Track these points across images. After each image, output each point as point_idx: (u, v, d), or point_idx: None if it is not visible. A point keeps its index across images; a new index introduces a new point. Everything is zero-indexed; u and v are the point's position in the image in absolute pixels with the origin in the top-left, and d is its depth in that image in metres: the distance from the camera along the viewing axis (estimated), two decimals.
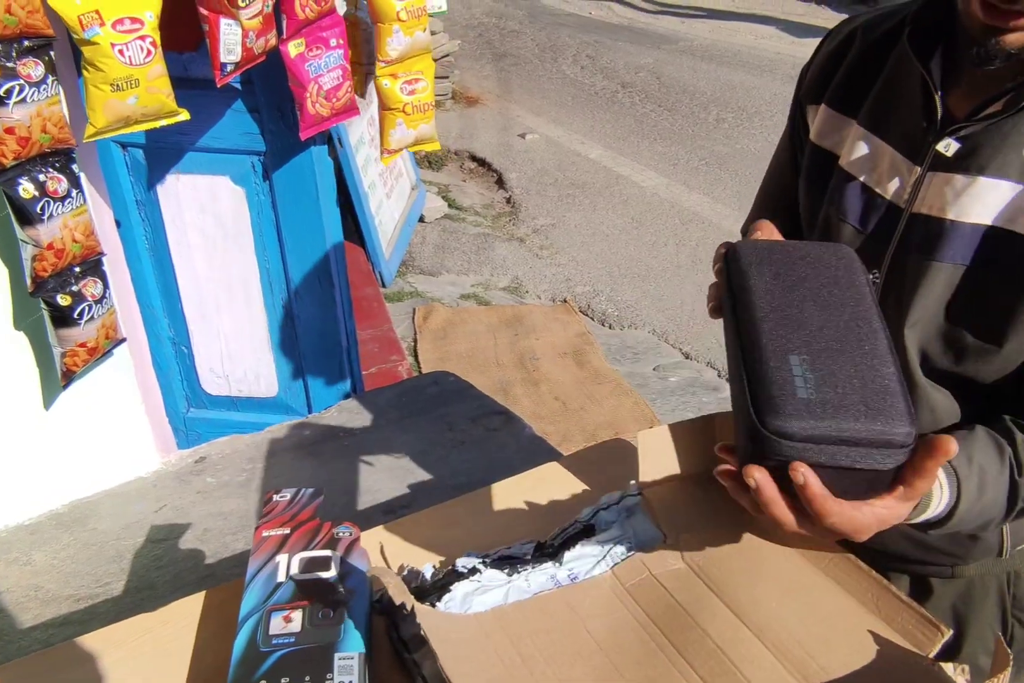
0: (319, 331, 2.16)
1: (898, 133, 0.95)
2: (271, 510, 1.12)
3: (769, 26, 8.56)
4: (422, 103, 1.96)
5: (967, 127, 0.89)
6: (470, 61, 7.53)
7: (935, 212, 0.91)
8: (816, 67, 1.06)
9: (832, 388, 0.72)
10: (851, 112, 1.00)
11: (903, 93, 0.95)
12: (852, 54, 1.01)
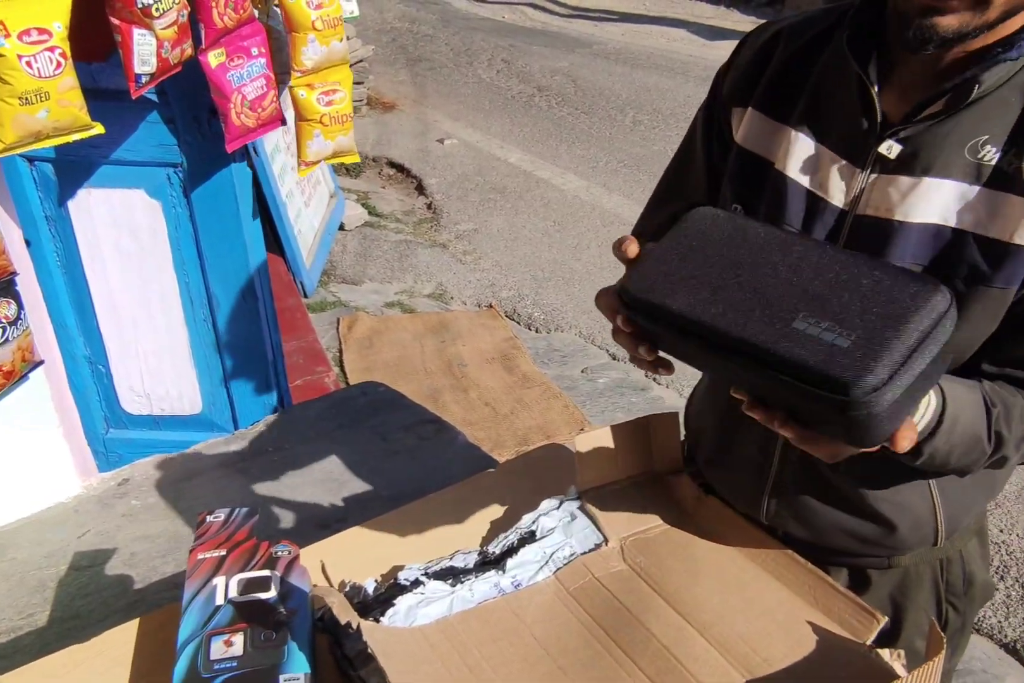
0: (243, 345, 2.12)
1: (837, 137, 0.96)
2: (205, 532, 1.10)
3: (680, 29, 8.72)
4: (340, 114, 1.94)
5: (908, 128, 0.90)
6: (384, 66, 7.49)
7: (882, 213, 0.93)
8: (739, 70, 1.06)
9: (858, 321, 0.66)
10: (783, 117, 1.00)
11: (839, 97, 0.96)
12: (777, 58, 1.02)
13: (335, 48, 1.87)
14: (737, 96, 1.05)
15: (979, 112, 0.88)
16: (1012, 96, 0.88)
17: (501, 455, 2.84)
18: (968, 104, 0.88)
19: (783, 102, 1.00)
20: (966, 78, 0.86)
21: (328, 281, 4.16)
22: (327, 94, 1.92)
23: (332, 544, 1.17)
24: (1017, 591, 2.38)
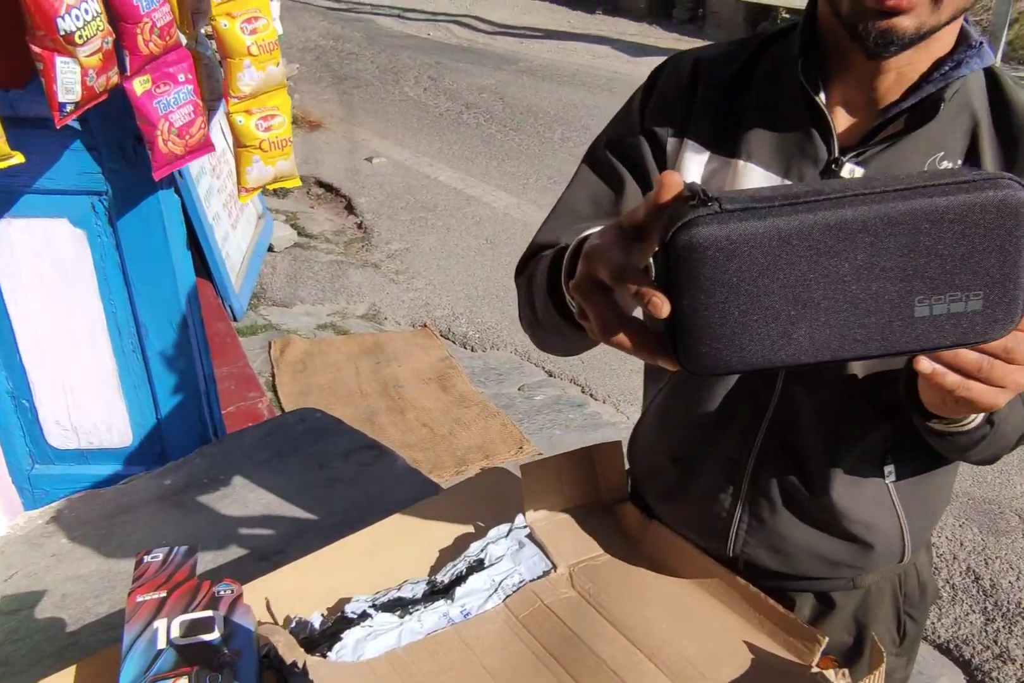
0: (174, 375, 2.08)
1: (793, 166, 0.96)
2: (143, 573, 1.07)
3: (604, 46, 8.86)
4: (280, 139, 1.92)
5: (868, 150, 0.92)
6: (310, 84, 7.44)
7: None
8: (663, 101, 1.03)
9: (969, 275, 0.57)
10: (727, 151, 0.98)
11: (786, 127, 0.96)
12: (702, 92, 1.01)
13: (272, 73, 1.86)
14: (668, 124, 1.02)
15: (934, 128, 0.91)
16: (957, 111, 0.91)
17: (441, 476, 2.82)
18: (924, 123, 0.90)
19: (722, 136, 0.99)
20: (928, 96, 0.89)
21: (258, 304, 4.10)
22: (265, 119, 1.89)
23: (276, 579, 1.15)
24: (948, 592, 2.46)
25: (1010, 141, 0.91)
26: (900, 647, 1.18)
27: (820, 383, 0.99)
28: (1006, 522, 2.69)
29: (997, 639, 2.31)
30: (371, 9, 10.28)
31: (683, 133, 1.01)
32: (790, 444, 1.04)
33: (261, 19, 1.81)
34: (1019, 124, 0.91)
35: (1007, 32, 7.20)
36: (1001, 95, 0.92)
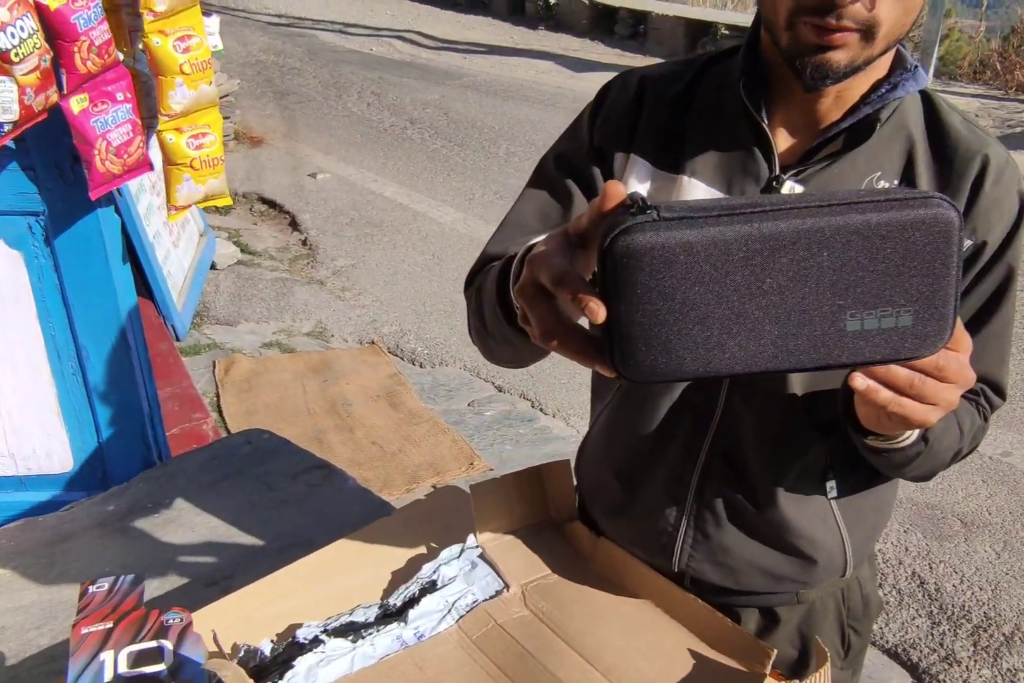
0: (117, 398, 2.04)
1: (734, 183, 0.98)
2: (88, 604, 1.04)
3: (547, 61, 8.93)
4: (211, 158, 1.90)
5: (807, 169, 0.95)
6: (251, 100, 7.38)
7: None
8: (610, 118, 1.04)
9: (901, 289, 0.58)
10: (672, 168, 1.00)
11: (728, 145, 0.98)
12: (648, 109, 1.02)
13: (204, 91, 1.84)
14: (615, 142, 1.04)
15: (870, 149, 0.94)
16: (893, 132, 0.95)
17: (391, 494, 2.80)
18: (860, 143, 0.93)
19: (667, 153, 1.01)
20: (865, 117, 0.92)
21: (201, 323, 4.04)
22: (196, 138, 1.87)
23: (225, 606, 1.13)
24: (895, 597, 2.50)
25: (944, 162, 0.95)
26: (845, 660, 1.20)
27: (761, 399, 1.01)
28: (948, 527, 2.76)
29: (943, 642, 2.36)
30: (312, 24, 10.25)
31: (630, 149, 1.03)
32: (733, 459, 1.05)
33: (194, 37, 1.80)
34: (952, 146, 0.95)
35: (938, 48, 7.43)
36: (936, 118, 0.96)
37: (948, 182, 0.95)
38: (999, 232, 0.96)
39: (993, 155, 0.95)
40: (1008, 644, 2.33)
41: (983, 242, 0.96)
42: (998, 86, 7.55)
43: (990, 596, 2.48)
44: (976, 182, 0.94)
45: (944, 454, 0.96)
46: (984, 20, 9.40)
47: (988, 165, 0.95)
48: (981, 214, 0.95)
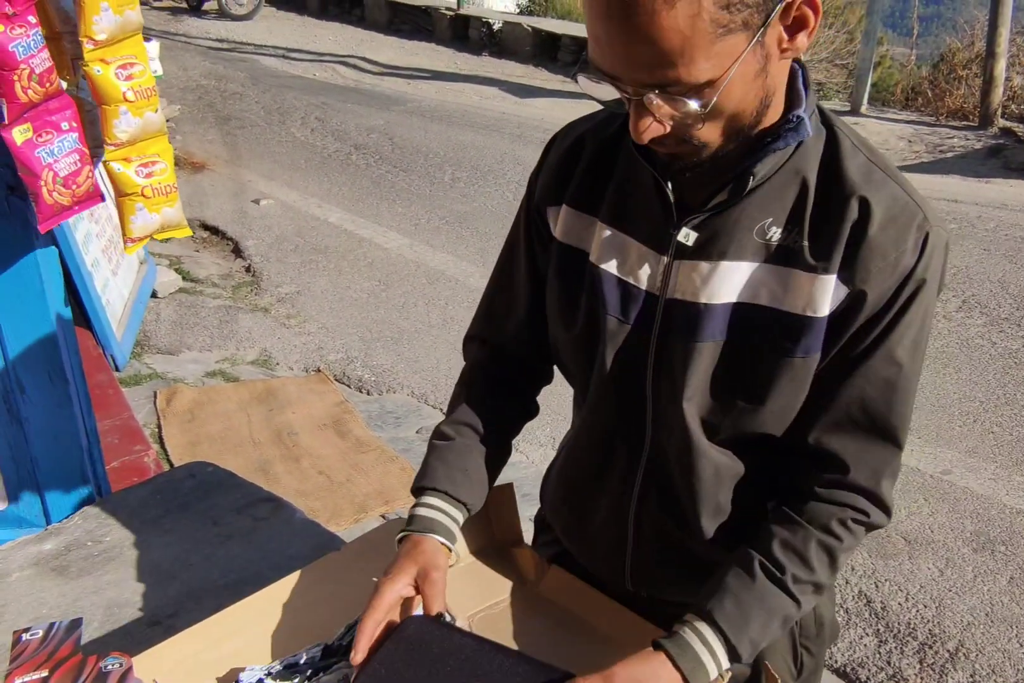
0: (53, 433, 1.98)
1: (641, 227, 1.02)
2: (22, 652, 1.01)
3: (492, 87, 9.01)
4: (163, 185, 1.87)
5: (699, 216, 0.97)
6: (192, 125, 7.31)
7: (688, 297, 0.99)
8: (549, 172, 1.12)
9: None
10: (592, 211, 1.06)
11: (639, 190, 1.02)
12: (585, 157, 1.08)
13: (150, 119, 1.81)
14: (551, 196, 1.11)
15: (762, 197, 0.96)
16: (787, 179, 0.96)
17: (340, 525, 2.76)
18: (749, 192, 0.95)
19: (591, 197, 1.06)
20: (742, 171, 0.94)
21: (142, 352, 3.96)
22: (146, 166, 1.84)
23: (166, 649, 1.10)
24: (842, 617, 2.53)
25: (827, 205, 0.95)
26: (798, 679, 1.22)
27: (673, 429, 1.05)
28: (893, 545, 2.80)
29: (890, 660, 2.39)
30: (255, 49, 10.22)
31: (563, 200, 1.09)
32: (665, 488, 1.10)
33: (137, 65, 1.77)
34: (838, 188, 0.95)
35: (871, 74, 7.67)
36: (831, 160, 0.96)
37: (827, 224, 0.94)
38: (882, 284, 0.93)
39: (878, 200, 0.93)
40: (953, 660, 2.37)
41: (860, 291, 0.94)
42: (930, 113, 7.80)
43: (934, 613, 2.52)
44: (857, 226, 0.93)
45: (781, 625, 1.00)
46: (915, 48, 9.74)
47: (870, 210, 0.93)
48: (860, 261, 0.93)
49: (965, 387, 3.67)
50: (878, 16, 7.64)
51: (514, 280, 1.19)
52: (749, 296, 0.97)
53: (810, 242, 0.94)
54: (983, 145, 6.85)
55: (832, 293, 0.94)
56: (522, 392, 1.25)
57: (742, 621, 0.96)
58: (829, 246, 0.93)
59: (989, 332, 4.10)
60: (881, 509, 1.03)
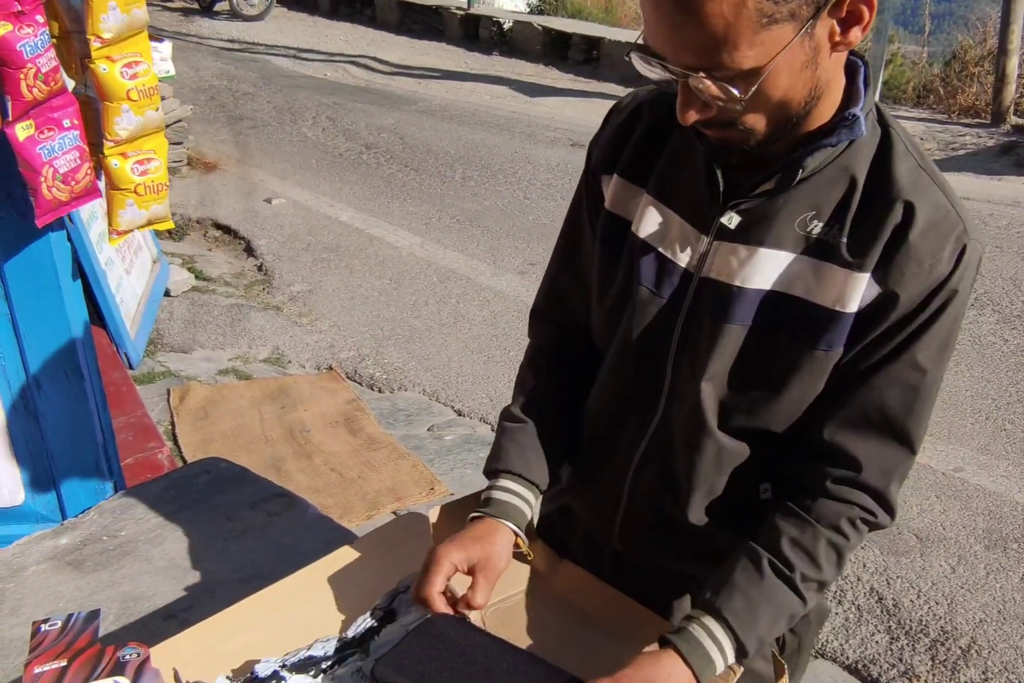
0: (70, 429, 2.00)
1: (686, 204, 1.04)
2: (41, 642, 1.02)
3: (502, 86, 9.01)
4: (155, 184, 1.88)
5: (745, 202, 0.99)
6: (204, 125, 7.34)
7: (723, 278, 1.01)
8: (606, 140, 1.13)
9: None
10: (641, 182, 1.08)
11: (689, 167, 1.04)
12: (640, 128, 1.10)
13: (150, 117, 1.82)
14: (605, 165, 1.12)
15: (808, 189, 0.97)
16: (836, 175, 0.97)
17: (351, 522, 2.78)
18: (797, 183, 0.96)
19: (642, 168, 1.08)
20: (791, 162, 0.95)
21: (155, 351, 3.98)
22: (141, 163, 1.85)
23: (183, 640, 1.11)
24: (854, 614, 2.53)
25: (872, 205, 0.96)
26: (779, 656, 1.24)
27: (686, 405, 1.07)
28: (904, 542, 2.80)
29: (902, 657, 2.39)
30: (266, 49, 10.25)
31: (614, 169, 1.11)
32: (666, 461, 1.13)
33: (141, 64, 1.79)
34: (884, 190, 0.96)
35: (883, 72, 7.63)
36: (883, 162, 0.97)
37: (868, 223, 0.96)
38: (914, 289, 0.95)
39: (922, 206, 0.94)
40: (965, 657, 2.36)
41: (892, 292, 0.95)
42: (941, 110, 7.77)
43: (946, 610, 2.52)
44: (898, 228, 0.95)
45: (779, 622, 1.01)
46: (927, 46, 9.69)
47: (914, 215, 0.94)
48: (896, 264, 0.95)
49: (977, 384, 3.66)
50: (889, 13, 7.60)
51: (579, 254, 1.20)
52: (783, 285, 0.99)
53: (849, 239, 0.96)
54: (995, 142, 6.81)
55: (864, 291, 0.95)
56: (588, 369, 1.24)
57: (751, 618, 0.97)
58: (867, 245, 0.95)
59: (1001, 329, 4.08)
60: (887, 511, 1.04)
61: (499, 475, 1.15)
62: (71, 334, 1.92)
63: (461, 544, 1.06)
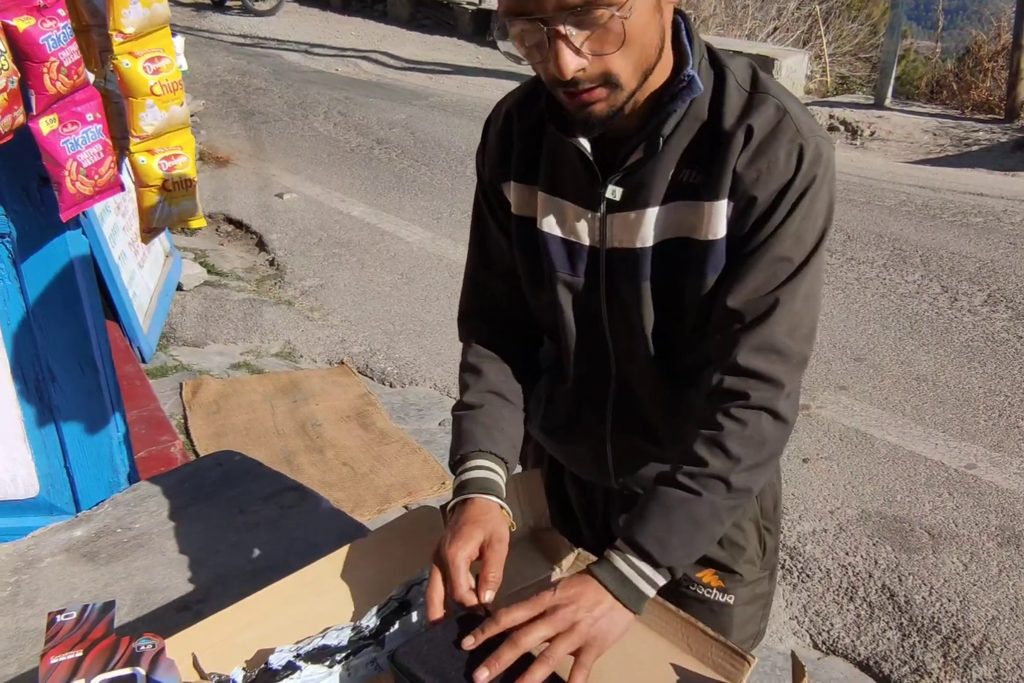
0: (84, 421, 2.01)
1: (572, 190, 1.13)
2: (56, 633, 1.03)
3: (514, 81, 8.99)
4: (183, 179, 1.89)
5: (620, 175, 1.08)
6: (216, 120, 7.35)
7: (625, 244, 1.11)
8: (491, 151, 1.21)
9: None
10: (533, 181, 1.17)
11: (565, 158, 1.13)
12: (516, 133, 1.18)
13: (175, 112, 1.83)
14: (500, 174, 1.20)
15: (672, 146, 1.06)
16: (688, 125, 1.06)
17: (363, 515, 2.78)
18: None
19: (530, 168, 1.17)
20: (649, 133, 1.04)
21: (168, 345, 4.00)
22: (168, 159, 1.86)
23: (198, 632, 1.11)
24: (865, 610, 2.52)
25: (717, 140, 1.04)
26: (763, 560, 1.34)
27: (634, 361, 1.18)
28: (916, 539, 2.79)
29: (914, 654, 2.38)
30: (277, 44, 10.25)
31: (509, 177, 1.19)
32: (633, 413, 1.25)
33: (164, 59, 1.80)
34: (724, 126, 1.04)
35: (896, 68, 7.59)
36: (718, 100, 1.05)
37: (718, 156, 1.04)
38: (760, 193, 1.03)
39: (758, 124, 1.03)
40: (977, 655, 2.36)
41: (743, 202, 1.04)
42: (955, 106, 7.71)
43: (958, 607, 2.51)
44: (742, 150, 1.03)
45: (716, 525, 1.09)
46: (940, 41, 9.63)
47: (752, 132, 1.03)
48: (740, 179, 1.04)
49: (990, 381, 3.64)
50: (902, 8, 7.55)
51: (491, 255, 1.28)
52: (671, 232, 1.09)
53: (706, 176, 1.05)
54: (1009, 138, 6.76)
55: (726, 214, 1.05)
56: (526, 355, 1.32)
57: (660, 530, 1.04)
58: (719, 175, 1.04)
59: (1015, 326, 4.06)
60: (763, 382, 1.08)
61: (469, 457, 1.17)
62: (86, 327, 1.93)
63: (464, 534, 1.06)
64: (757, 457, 1.07)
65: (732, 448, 1.06)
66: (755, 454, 1.06)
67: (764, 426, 1.07)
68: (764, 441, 1.07)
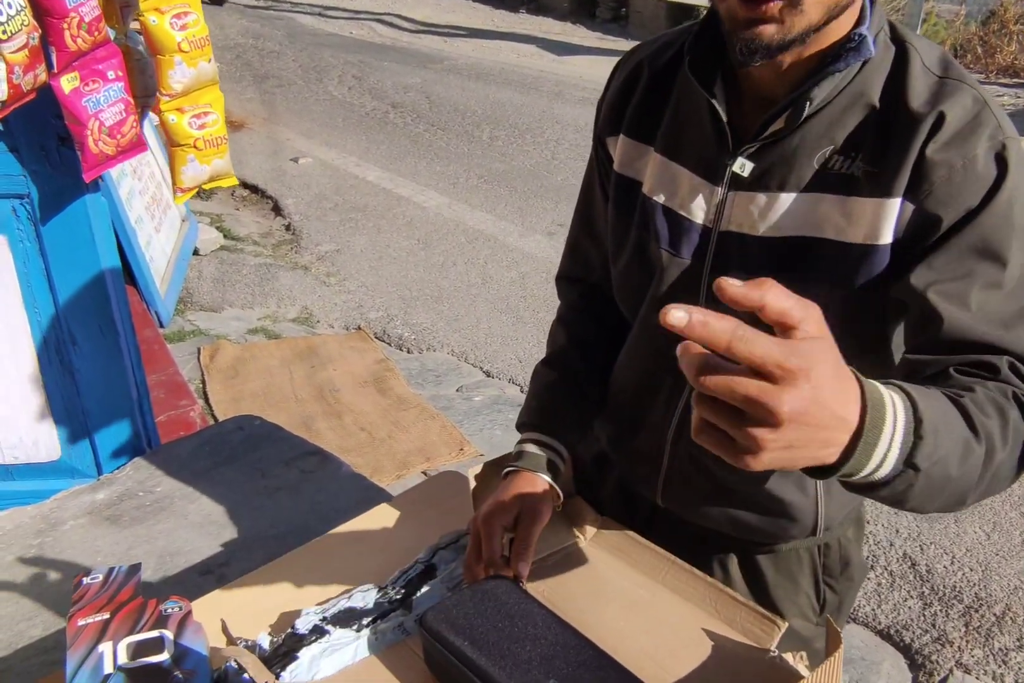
0: (104, 385, 2.00)
1: (693, 157, 1.00)
2: (83, 595, 1.02)
3: (530, 45, 8.87)
4: (214, 137, 1.86)
5: (755, 146, 0.93)
6: (230, 84, 7.28)
7: (745, 229, 0.96)
8: (609, 101, 1.10)
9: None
10: (647, 140, 1.04)
11: (693, 118, 0.99)
12: (641, 85, 1.06)
13: (203, 69, 1.80)
14: (609, 126, 1.10)
15: (822, 123, 0.91)
16: (850, 103, 0.90)
17: (381, 480, 2.78)
18: (807, 118, 0.90)
19: (647, 126, 1.05)
20: (799, 95, 0.89)
21: (185, 309, 3.99)
22: (199, 117, 1.84)
23: (223, 596, 1.11)
24: (887, 579, 2.52)
25: (893, 128, 0.89)
26: (819, 616, 1.23)
27: None
28: None
29: (935, 623, 2.37)
30: (291, 7, 10.14)
31: (620, 129, 1.07)
32: None
33: (191, 14, 1.76)
34: (907, 112, 0.88)
35: (919, 31, 7.44)
36: (898, 81, 0.90)
37: (893, 147, 0.88)
38: (956, 194, 0.86)
39: (952, 112, 0.86)
40: (999, 624, 2.35)
41: (929, 207, 0.87)
42: (979, 70, 7.57)
43: (980, 576, 2.50)
44: (927, 142, 0.87)
45: (960, 481, 0.77)
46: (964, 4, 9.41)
47: (943, 122, 0.86)
48: (925, 176, 0.87)
49: None
50: None
51: (594, 216, 1.19)
52: (810, 228, 0.93)
53: (872, 166, 0.89)
54: None
55: (896, 216, 0.88)
56: (616, 325, 1.21)
57: (932, 404, 0.73)
58: (893, 168, 0.88)
59: None
60: None
61: (530, 429, 1.15)
62: (105, 288, 1.91)
63: (503, 503, 1.05)
64: (991, 460, 0.79)
65: (1009, 425, 0.80)
66: (1001, 446, 0.79)
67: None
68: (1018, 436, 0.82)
